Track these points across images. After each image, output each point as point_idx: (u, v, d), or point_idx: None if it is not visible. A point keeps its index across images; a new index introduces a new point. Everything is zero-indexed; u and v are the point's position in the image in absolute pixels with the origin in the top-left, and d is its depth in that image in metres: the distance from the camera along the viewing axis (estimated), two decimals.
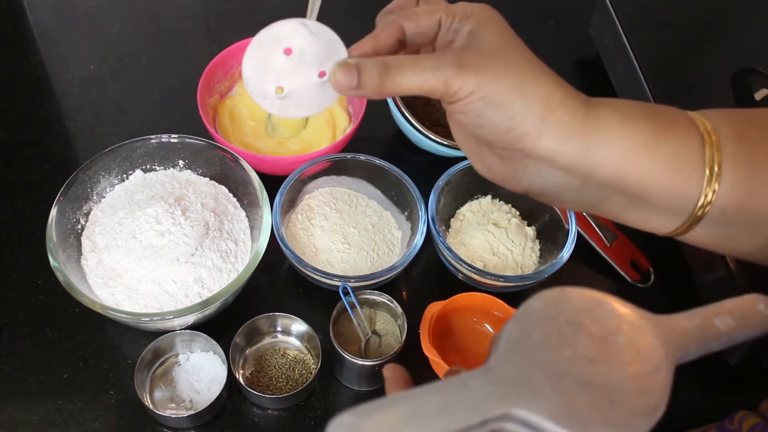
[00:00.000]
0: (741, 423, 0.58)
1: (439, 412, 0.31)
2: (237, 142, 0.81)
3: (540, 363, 0.32)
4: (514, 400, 0.31)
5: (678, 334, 0.36)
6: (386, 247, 0.75)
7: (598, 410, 0.31)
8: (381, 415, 0.30)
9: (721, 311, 0.37)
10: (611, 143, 0.39)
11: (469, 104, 0.40)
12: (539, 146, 0.40)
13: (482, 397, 0.32)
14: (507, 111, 0.39)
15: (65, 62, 0.92)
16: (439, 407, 0.31)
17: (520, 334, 0.34)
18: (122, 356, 0.68)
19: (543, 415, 0.31)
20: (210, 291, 0.67)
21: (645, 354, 0.34)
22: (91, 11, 0.98)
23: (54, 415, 0.65)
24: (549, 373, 0.32)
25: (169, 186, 0.73)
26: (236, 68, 0.86)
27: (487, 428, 0.32)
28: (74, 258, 0.68)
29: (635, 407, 0.32)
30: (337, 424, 0.30)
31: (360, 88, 0.41)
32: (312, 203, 0.76)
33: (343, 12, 1.02)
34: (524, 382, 0.32)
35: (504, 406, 0.31)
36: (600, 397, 0.32)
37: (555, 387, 0.32)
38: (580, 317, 0.34)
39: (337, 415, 0.30)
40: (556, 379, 0.32)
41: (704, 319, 0.36)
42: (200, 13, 1.02)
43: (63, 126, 0.86)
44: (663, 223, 0.43)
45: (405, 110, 0.79)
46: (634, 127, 0.40)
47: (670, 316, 0.36)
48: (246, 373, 0.67)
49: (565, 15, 1.04)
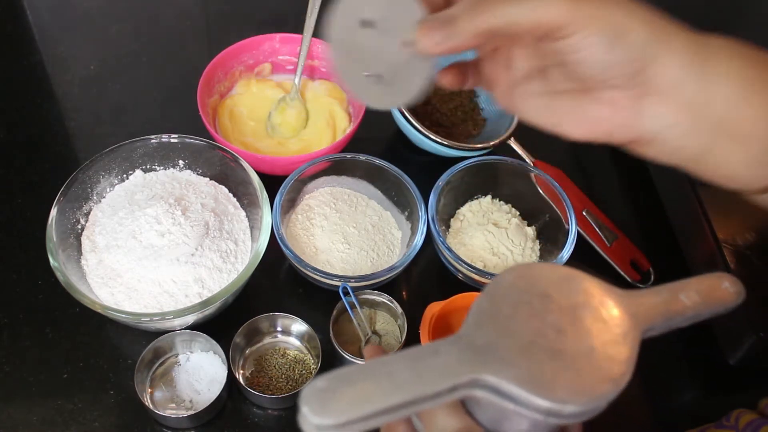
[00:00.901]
0: (737, 420, 0.58)
1: (410, 378, 0.32)
2: (237, 142, 0.81)
3: (509, 333, 0.33)
4: (484, 366, 0.32)
5: (644, 307, 0.36)
6: (386, 247, 0.75)
7: (564, 377, 0.32)
8: (353, 380, 0.31)
9: (687, 287, 0.38)
10: (727, 74, 0.37)
11: (587, 37, 0.36)
12: (665, 77, 0.36)
13: (452, 363, 0.32)
14: (632, 39, 0.36)
15: (65, 62, 0.92)
16: (409, 373, 0.32)
17: (491, 306, 0.35)
18: (122, 356, 0.68)
19: (511, 381, 0.32)
20: (210, 291, 0.67)
21: (612, 325, 0.34)
22: (91, 11, 0.98)
23: (54, 415, 0.65)
24: (518, 342, 0.33)
25: (169, 186, 0.73)
26: (236, 68, 0.86)
27: (457, 394, 0.32)
28: (74, 258, 0.68)
29: (601, 375, 0.33)
30: (311, 389, 0.31)
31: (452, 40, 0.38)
32: (312, 203, 0.76)
33: None
34: (493, 350, 0.33)
35: (473, 373, 0.32)
36: (567, 365, 0.33)
37: (523, 355, 0.33)
38: (549, 291, 0.35)
39: (312, 380, 0.31)
40: (524, 348, 0.33)
41: (670, 295, 0.37)
42: (200, 13, 1.02)
43: (63, 126, 0.86)
44: (763, 176, 0.40)
45: (405, 110, 0.79)
46: (748, 60, 0.37)
47: (636, 291, 0.37)
48: (246, 373, 0.67)
49: None
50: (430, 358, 0.32)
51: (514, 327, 0.32)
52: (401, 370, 0.32)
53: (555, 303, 0.34)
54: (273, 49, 0.87)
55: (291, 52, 0.87)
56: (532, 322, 0.33)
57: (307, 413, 0.30)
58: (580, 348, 0.33)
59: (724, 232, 0.69)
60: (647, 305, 0.37)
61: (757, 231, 0.70)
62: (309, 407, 0.30)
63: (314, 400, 0.30)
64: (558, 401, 0.32)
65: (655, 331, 0.37)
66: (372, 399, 0.31)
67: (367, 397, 0.31)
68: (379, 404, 0.31)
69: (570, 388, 0.32)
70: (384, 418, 0.31)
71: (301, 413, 0.30)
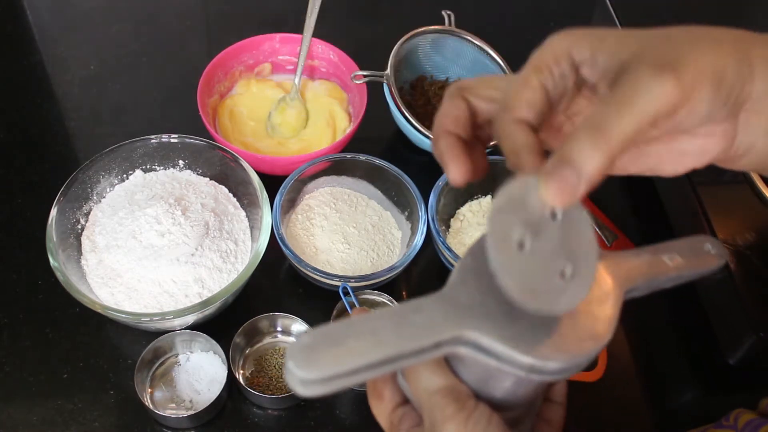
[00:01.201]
0: (737, 420, 0.58)
1: (394, 334, 0.32)
2: (237, 142, 0.81)
3: (492, 291, 0.33)
4: (467, 323, 0.33)
5: (627, 269, 0.37)
6: (386, 247, 0.75)
7: (547, 334, 0.33)
8: (338, 336, 0.31)
9: (670, 249, 0.38)
10: None
11: (695, 102, 0.32)
12: (756, 90, 0.34)
13: (436, 320, 0.33)
14: (729, 77, 0.33)
15: (65, 62, 0.92)
16: (393, 329, 0.32)
17: (474, 264, 0.35)
18: (122, 356, 0.68)
19: (494, 338, 0.32)
20: (210, 291, 0.67)
21: (595, 285, 0.34)
22: (91, 11, 0.98)
23: (54, 415, 0.65)
24: (501, 300, 0.33)
25: (169, 186, 0.73)
26: (236, 68, 0.86)
27: (440, 351, 0.33)
28: (74, 258, 0.68)
29: (583, 333, 0.33)
30: (296, 345, 0.31)
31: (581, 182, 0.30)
32: (312, 203, 0.76)
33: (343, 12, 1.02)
34: (477, 308, 0.33)
35: (456, 329, 0.32)
36: (549, 323, 0.33)
37: (506, 312, 0.33)
38: None
39: (297, 336, 0.31)
40: (507, 306, 0.32)
41: (652, 256, 0.38)
42: (200, 13, 1.01)
43: (63, 126, 0.86)
44: None
45: (405, 110, 0.79)
46: None
47: (619, 252, 0.37)
48: (246, 373, 0.67)
49: (565, 15, 1.04)
50: (414, 315, 0.33)
51: (497, 285, 0.32)
52: (385, 327, 0.32)
53: None
54: (273, 49, 0.87)
55: (291, 52, 0.87)
56: None
57: (293, 368, 0.30)
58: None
59: (724, 232, 0.69)
60: (630, 266, 0.37)
61: (757, 231, 0.70)
62: (294, 362, 0.30)
63: (299, 355, 0.31)
64: (540, 358, 0.32)
65: (638, 292, 0.37)
66: (356, 354, 0.31)
67: (350, 352, 0.31)
68: (362, 359, 0.31)
69: (551, 345, 0.32)
70: (368, 373, 0.31)
71: (287, 368, 0.31)
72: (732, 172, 0.73)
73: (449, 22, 0.86)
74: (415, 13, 0.99)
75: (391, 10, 1.05)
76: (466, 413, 0.35)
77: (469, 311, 0.33)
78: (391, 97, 0.79)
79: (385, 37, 0.86)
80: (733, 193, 0.74)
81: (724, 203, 0.72)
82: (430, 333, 0.32)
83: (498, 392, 0.36)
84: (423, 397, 0.36)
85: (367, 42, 0.97)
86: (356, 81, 0.80)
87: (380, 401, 0.40)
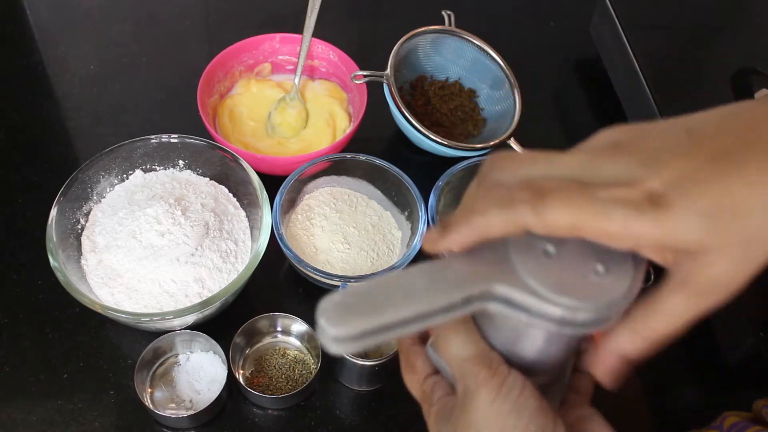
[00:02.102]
0: (723, 421, 0.59)
1: (424, 289, 0.32)
2: (237, 142, 0.81)
3: (518, 248, 0.34)
4: (496, 277, 0.33)
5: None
6: (386, 247, 0.75)
7: (576, 285, 0.33)
8: (369, 292, 0.32)
9: None
10: None
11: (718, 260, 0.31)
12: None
13: (465, 274, 0.33)
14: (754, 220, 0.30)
15: (65, 62, 0.92)
16: (423, 285, 0.33)
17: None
18: (122, 356, 0.68)
19: (523, 290, 0.33)
20: (210, 291, 0.67)
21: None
22: (91, 11, 0.98)
23: (54, 415, 0.65)
24: (527, 256, 0.33)
25: (169, 186, 0.73)
26: (236, 68, 0.86)
27: (470, 307, 0.33)
28: (74, 258, 0.68)
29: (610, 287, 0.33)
30: (329, 302, 0.32)
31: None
32: (312, 203, 0.76)
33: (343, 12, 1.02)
34: (505, 263, 0.33)
35: (486, 283, 0.33)
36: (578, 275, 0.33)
37: (534, 267, 0.33)
38: None
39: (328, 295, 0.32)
40: (534, 260, 0.33)
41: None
42: (200, 13, 1.01)
43: (63, 126, 0.86)
44: None
45: (405, 110, 0.79)
46: None
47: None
48: (246, 374, 0.67)
49: (565, 15, 1.04)
50: (443, 271, 0.33)
51: (523, 242, 0.33)
52: (415, 282, 0.33)
53: None
54: (273, 49, 0.87)
55: (291, 52, 0.87)
56: (539, 240, 0.34)
57: (325, 325, 0.31)
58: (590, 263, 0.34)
59: None
60: None
61: None
62: (326, 318, 0.31)
63: (331, 312, 0.31)
64: (570, 308, 0.32)
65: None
66: (387, 310, 0.31)
67: (381, 309, 0.31)
68: (394, 315, 0.31)
69: (581, 295, 0.32)
70: (399, 330, 0.32)
71: (319, 326, 0.31)
72: None
73: (449, 22, 0.86)
74: (415, 13, 0.99)
75: (391, 10, 1.04)
76: (500, 379, 0.35)
77: (497, 266, 0.33)
78: (391, 97, 0.79)
79: (385, 37, 0.86)
80: None
81: None
82: (460, 288, 0.33)
83: (528, 354, 0.36)
84: (455, 365, 0.37)
85: (367, 42, 0.97)
86: (356, 81, 0.80)
87: (413, 373, 0.41)
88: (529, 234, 0.32)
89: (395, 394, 0.68)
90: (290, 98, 0.84)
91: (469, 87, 0.89)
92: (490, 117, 0.88)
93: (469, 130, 0.86)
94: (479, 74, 0.88)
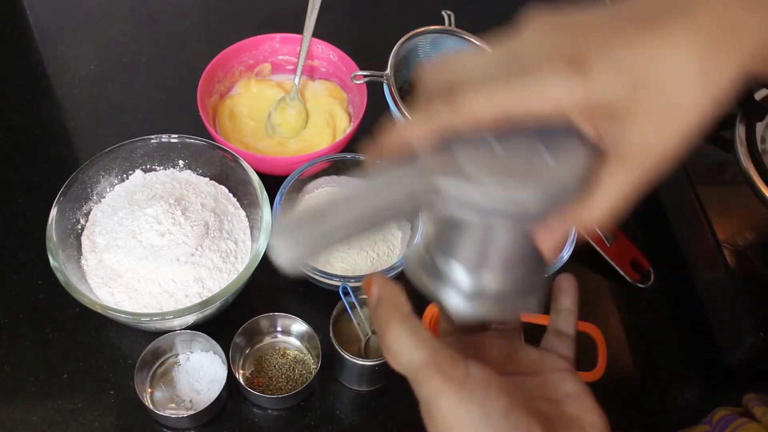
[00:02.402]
0: (713, 416, 0.59)
1: (365, 193, 0.33)
2: (237, 142, 0.81)
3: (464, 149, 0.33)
4: (438, 170, 0.33)
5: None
6: (386, 247, 0.75)
7: (524, 175, 0.32)
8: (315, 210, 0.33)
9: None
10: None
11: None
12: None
13: (409, 171, 0.33)
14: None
15: (65, 62, 0.92)
16: (365, 189, 0.33)
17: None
18: (122, 356, 0.68)
19: (468, 181, 0.32)
20: (210, 291, 0.67)
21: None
22: (91, 11, 0.98)
23: (54, 415, 0.65)
24: (473, 155, 0.33)
25: (169, 186, 0.73)
26: (236, 68, 0.86)
27: (415, 204, 0.33)
28: (74, 258, 0.68)
29: (557, 174, 0.33)
30: (277, 225, 0.34)
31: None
32: (312, 203, 0.76)
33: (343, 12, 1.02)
34: (450, 162, 0.33)
35: (428, 177, 0.33)
36: (526, 166, 0.33)
37: (479, 161, 0.32)
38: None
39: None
40: (479, 157, 0.33)
41: None
42: (200, 13, 1.02)
43: (63, 126, 0.86)
44: None
45: (405, 110, 0.79)
46: None
47: None
48: (246, 373, 0.67)
49: None
50: (386, 173, 0.34)
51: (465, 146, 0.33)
52: (359, 188, 0.33)
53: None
54: (273, 49, 0.87)
55: (291, 52, 0.87)
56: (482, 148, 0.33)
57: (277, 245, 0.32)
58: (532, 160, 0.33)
59: (724, 232, 0.69)
60: None
61: (757, 231, 0.70)
62: (275, 233, 0.33)
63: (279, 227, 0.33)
64: (514, 188, 0.32)
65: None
66: (331, 216, 0.32)
67: (325, 215, 0.33)
68: (338, 219, 0.32)
69: (530, 182, 0.32)
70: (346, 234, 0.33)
71: (271, 247, 0.32)
72: (732, 172, 0.73)
73: (449, 22, 0.86)
74: (415, 13, 0.99)
75: (391, 10, 1.04)
76: (458, 383, 0.33)
77: (441, 164, 0.33)
78: (391, 97, 0.79)
79: (385, 37, 0.86)
80: (733, 193, 0.74)
81: (724, 203, 0.72)
82: (402, 184, 0.33)
83: (494, 257, 0.35)
84: (408, 375, 0.34)
85: (367, 42, 0.97)
86: (356, 81, 0.80)
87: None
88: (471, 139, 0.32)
89: (395, 394, 0.68)
90: (290, 98, 0.85)
91: None
92: None
93: None
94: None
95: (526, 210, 0.32)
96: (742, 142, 0.74)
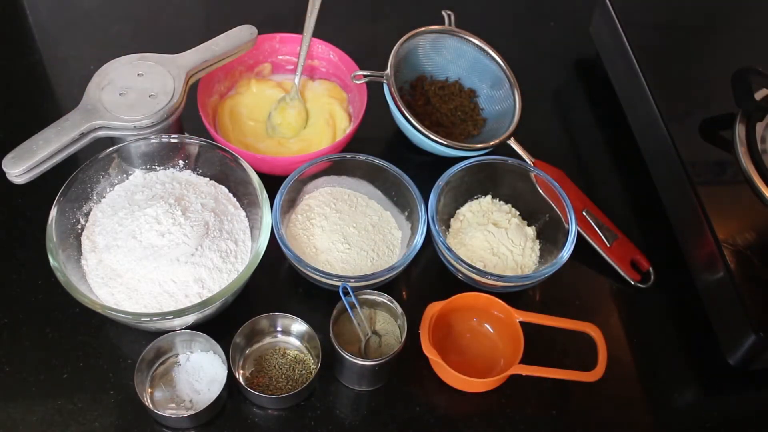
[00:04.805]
0: None
1: (55, 135, 0.65)
2: (237, 142, 0.81)
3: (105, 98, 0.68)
4: (92, 117, 0.67)
5: (186, 61, 0.74)
6: (386, 247, 0.75)
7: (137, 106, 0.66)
8: (28, 145, 0.66)
9: (217, 40, 0.76)
10: None
11: None
12: None
13: (77, 120, 0.67)
14: None
15: (65, 62, 0.92)
16: (55, 133, 0.65)
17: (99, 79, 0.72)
18: (122, 356, 0.68)
19: (110, 119, 0.65)
20: (210, 291, 0.67)
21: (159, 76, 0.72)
22: (91, 11, 0.98)
23: (54, 415, 0.65)
24: (110, 100, 0.68)
25: (169, 186, 0.73)
26: (236, 68, 0.86)
27: (88, 138, 0.67)
28: (74, 258, 0.68)
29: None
30: (7, 157, 0.57)
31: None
32: (312, 203, 0.76)
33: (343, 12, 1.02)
34: (101, 107, 0.68)
35: (89, 121, 0.67)
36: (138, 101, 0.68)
37: (114, 104, 0.67)
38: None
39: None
40: (114, 101, 0.67)
41: (204, 47, 0.74)
42: (200, 13, 1.01)
43: None
44: None
45: (405, 110, 0.79)
46: None
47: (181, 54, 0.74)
48: (246, 373, 0.67)
49: (565, 15, 1.04)
50: (64, 122, 0.67)
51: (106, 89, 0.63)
52: (51, 132, 0.66)
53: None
54: (273, 49, 0.87)
55: (291, 52, 0.87)
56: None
57: (7, 169, 0.62)
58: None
59: (724, 232, 0.69)
60: (188, 59, 0.74)
61: (757, 231, 0.70)
62: (6, 166, 0.62)
63: (9, 162, 0.63)
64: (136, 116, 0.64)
65: (196, 72, 0.74)
66: (37, 152, 0.64)
67: (35, 152, 0.64)
68: (42, 153, 0.64)
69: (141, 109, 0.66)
70: (50, 159, 0.66)
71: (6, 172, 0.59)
72: (732, 172, 0.73)
73: (449, 22, 0.86)
74: (415, 13, 0.99)
75: (391, 10, 1.04)
76: None
77: (97, 110, 0.68)
78: (391, 97, 0.79)
79: (385, 37, 0.86)
80: (733, 193, 0.73)
81: (724, 203, 0.72)
82: (75, 128, 0.66)
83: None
84: None
85: (367, 42, 0.97)
86: (356, 81, 0.80)
87: None
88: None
89: (395, 394, 0.68)
90: (290, 98, 0.84)
91: (469, 87, 0.89)
92: (490, 117, 0.88)
93: (469, 130, 0.86)
94: (479, 74, 0.88)
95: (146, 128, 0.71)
96: (742, 142, 0.74)
